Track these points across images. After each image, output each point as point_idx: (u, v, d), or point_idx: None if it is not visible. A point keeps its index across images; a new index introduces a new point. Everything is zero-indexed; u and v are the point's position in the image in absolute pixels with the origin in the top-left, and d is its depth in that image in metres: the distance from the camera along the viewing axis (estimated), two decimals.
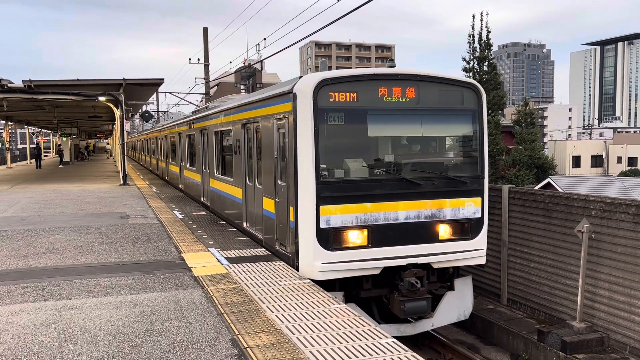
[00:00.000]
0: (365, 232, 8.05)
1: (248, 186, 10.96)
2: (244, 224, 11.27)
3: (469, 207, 8.62)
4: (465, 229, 8.64)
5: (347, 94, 7.98)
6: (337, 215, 7.87)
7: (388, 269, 8.24)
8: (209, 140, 14.88)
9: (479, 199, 8.72)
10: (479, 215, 8.72)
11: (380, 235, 8.11)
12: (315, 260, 7.84)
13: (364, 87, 8.10)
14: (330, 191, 7.86)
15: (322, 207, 7.82)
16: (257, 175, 10.23)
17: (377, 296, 8.68)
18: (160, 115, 62.52)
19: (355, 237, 8.02)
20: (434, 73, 8.67)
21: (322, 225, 7.84)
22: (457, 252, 8.59)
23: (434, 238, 8.42)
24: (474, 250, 8.72)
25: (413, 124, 8.64)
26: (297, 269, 8.14)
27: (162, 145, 28.13)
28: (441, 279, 9.01)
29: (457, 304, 9.13)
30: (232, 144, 11.94)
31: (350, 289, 8.43)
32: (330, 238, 7.88)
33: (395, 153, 8.67)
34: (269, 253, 9.59)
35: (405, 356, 4.97)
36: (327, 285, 7.82)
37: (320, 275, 7.86)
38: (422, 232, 8.34)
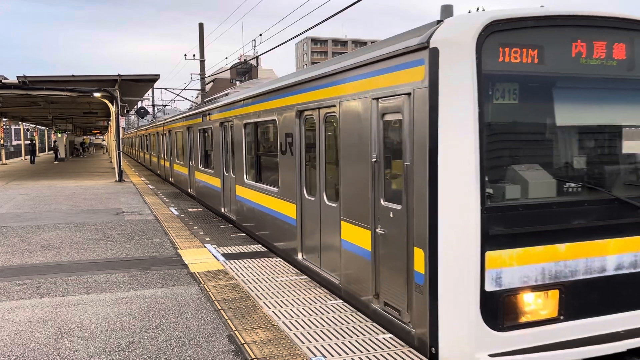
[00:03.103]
0: (556, 294, 4.90)
1: (307, 201, 7.91)
2: (299, 255, 8.24)
3: None
4: None
5: (526, 50, 4.74)
6: (513, 267, 4.72)
7: None
8: (234, 135, 11.93)
9: None
10: None
11: (580, 298, 4.96)
12: (476, 348, 4.64)
13: (551, 38, 4.84)
14: (504, 225, 4.66)
15: (490, 255, 4.62)
16: (325, 185, 7.32)
17: None
18: (157, 111, 62.34)
19: (540, 303, 4.86)
20: None
21: (489, 287, 4.65)
22: None
23: None
24: None
25: (625, 104, 5.29)
26: (430, 357, 4.91)
27: (165, 142, 24.99)
28: None
29: None
30: (277, 139, 8.91)
31: None
32: (502, 308, 4.71)
33: (593, 156, 5.21)
34: (265, 249, 9.56)
35: (402, 351, 4.98)
36: None
37: None
38: None
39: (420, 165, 4.94)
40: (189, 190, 18.52)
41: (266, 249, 9.57)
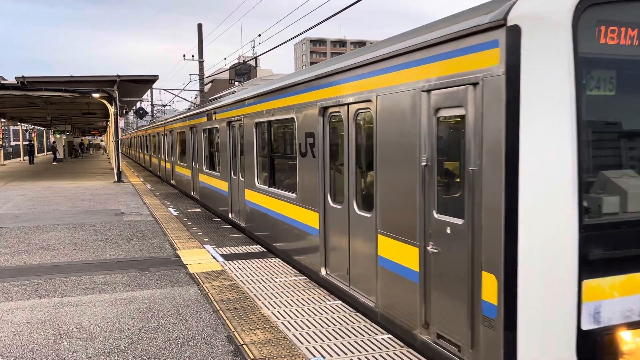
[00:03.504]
0: None
1: (332, 210, 7.01)
2: (322, 270, 7.31)
3: None
4: None
5: (624, 30, 3.94)
6: (614, 298, 3.91)
7: None
8: (243, 136, 11.02)
9: None
10: None
11: None
12: None
13: None
14: (604, 246, 3.87)
15: (587, 284, 3.83)
16: (355, 192, 6.40)
17: None
18: (157, 111, 62.31)
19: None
20: None
21: (586, 324, 3.84)
22: None
23: None
24: None
25: None
26: None
27: (166, 143, 23.93)
28: None
29: None
30: (295, 140, 8.07)
31: None
32: (600, 351, 3.92)
33: None
34: (264, 250, 9.56)
35: (401, 352, 4.99)
36: None
37: None
38: None
39: (491, 171, 3.99)
40: (192, 193, 17.66)
41: (264, 250, 9.56)
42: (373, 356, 4.93)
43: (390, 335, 5.41)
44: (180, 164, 20.11)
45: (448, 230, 4.56)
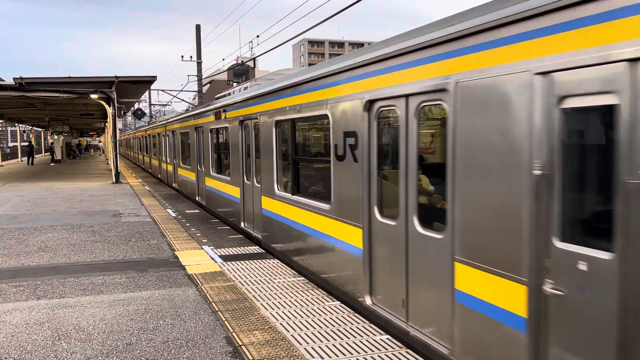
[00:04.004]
0: None
1: (381, 225, 5.85)
2: (367, 299, 6.16)
3: None
4: None
5: None
6: None
7: None
8: (260, 136, 9.68)
9: None
10: None
11: None
12: None
13: None
14: None
15: None
16: (416, 206, 5.22)
17: None
18: (156, 112, 62.23)
19: None
20: None
21: None
22: None
23: None
24: None
25: None
26: None
27: (168, 144, 22.70)
28: None
29: None
30: (329, 140, 6.85)
31: None
32: None
33: None
34: (263, 251, 9.56)
35: (400, 353, 4.99)
36: None
37: None
38: None
39: None
40: (197, 198, 16.41)
41: (263, 251, 9.56)
42: (371, 357, 4.93)
43: (389, 336, 5.42)
44: (183, 167, 18.94)
45: (582, 266, 3.40)
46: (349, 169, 6.31)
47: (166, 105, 58.48)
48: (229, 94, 16.44)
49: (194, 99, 46.98)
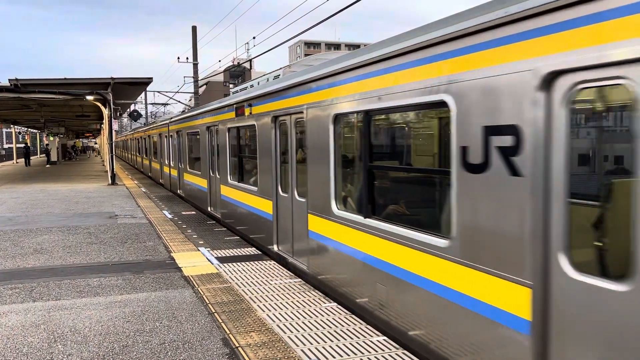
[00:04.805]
0: None
1: (572, 284, 3.44)
2: None
3: None
4: None
5: None
6: None
7: None
8: (306, 135, 7.53)
9: None
10: None
11: None
12: None
13: None
14: None
15: None
16: None
17: None
18: (153, 114, 62.10)
19: None
20: None
21: None
22: None
23: None
24: None
25: None
26: None
27: (171, 145, 20.77)
28: None
29: None
30: (449, 143, 4.57)
31: None
32: None
33: None
34: (260, 252, 9.55)
35: (396, 354, 5.00)
36: None
37: None
38: None
39: None
40: (209, 209, 14.25)
41: (260, 252, 9.55)
42: (368, 358, 4.94)
43: (385, 337, 5.42)
44: (191, 172, 16.79)
45: None
46: (497, 186, 4.04)
47: (166, 105, 58.18)
48: (250, 87, 13.87)
49: (190, 100, 46.95)
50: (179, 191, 19.39)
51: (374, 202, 6.08)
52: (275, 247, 9.19)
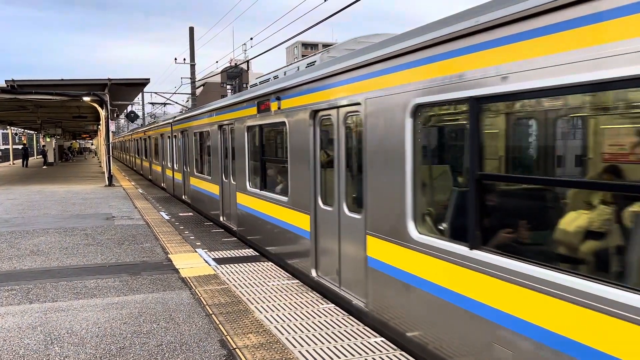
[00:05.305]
0: None
1: None
2: None
3: None
4: None
5: None
6: None
7: None
8: (371, 136, 5.76)
9: None
10: None
11: None
12: None
13: None
14: None
15: None
16: None
17: None
18: (153, 116, 61.96)
19: None
20: None
21: None
22: None
23: None
24: None
25: None
26: None
27: (176, 147, 19.10)
28: None
29: None
30: None
31: None
32: None
33: None
34: (257, 253, 9.54)
35: (394, 355, 5.00)
36: None
37: None
38: None
39: None
40: (222, 218, 12.68)
41: (257, 253, 9.54)
42: (365, 359, 4.94)
43: (382, 338, 5.42)
44: (199, 176, 15.25)
45: None
46: None
47: (166, 104, 57.80)
48: (274, 78, 10.65)
49: (187, 101, 46.88)
50: (183, 197, 17.87)
51: (489, 228, 4.23)
52: (313, 273, 7.43)
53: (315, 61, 8.98)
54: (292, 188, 8.06)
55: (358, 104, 6.00)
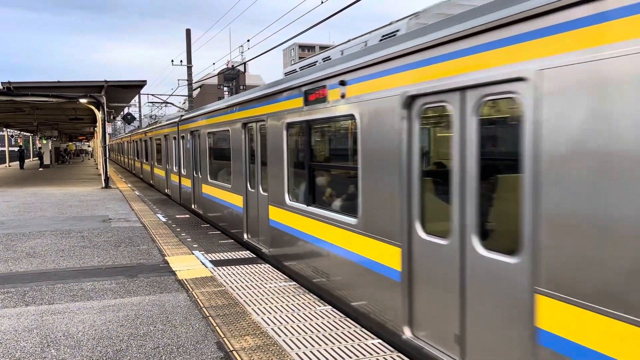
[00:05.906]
0: None
1: None
2: None
3: None
4: None
5: None
6: None
7: None
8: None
9: None
10: None
11: None
12: None
13: None
14: None
15: None
16: None
17: None
18: (144, 116, 61.88)
19: None
20: None
21: None
22: None
23: None
24: None
25: None
26: None
27: (184, 150, 16.87)
28: None
29: None
30: None
31: None
32: None
33: None
34: (254, 255, 9.54)
35: (391, 357, 5.00)
36: None
37: None
38: None
39: None
40: (246, 236, 10.60)
41: (255, 255, 9.53)
42: None
43: (380, 340, 5.42)
44: (214, 183, 13.06)
45: None
46: None
47: (166, 104, 57.60)
48: (323, 60, 8.12)
49: (184, 103, 46.86)
50: (193, 206, 15.60)
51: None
52: (407, 333, 5.21)
53: (397, 31, 6.53)
54: (363, 205, 5.96)
55: (519, 79, 3.70)
